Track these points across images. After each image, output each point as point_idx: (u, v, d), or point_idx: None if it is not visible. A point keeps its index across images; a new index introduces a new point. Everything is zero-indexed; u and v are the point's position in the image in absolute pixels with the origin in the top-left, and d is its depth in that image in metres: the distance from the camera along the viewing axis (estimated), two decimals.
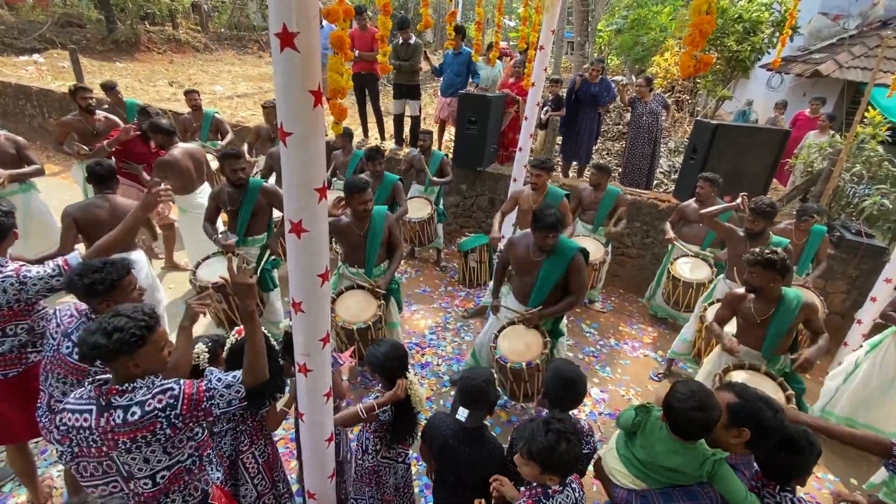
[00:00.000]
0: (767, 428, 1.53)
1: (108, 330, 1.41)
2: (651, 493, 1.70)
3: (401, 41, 5.85)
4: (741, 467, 1.63)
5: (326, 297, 1.56)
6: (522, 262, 3.00)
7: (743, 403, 1.58)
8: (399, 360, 2.13)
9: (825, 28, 8.38)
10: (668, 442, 1.66)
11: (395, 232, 3.43)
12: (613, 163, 7.50)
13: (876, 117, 4.81)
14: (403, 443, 2.21)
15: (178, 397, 1.48)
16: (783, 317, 2.59)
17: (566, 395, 1.96)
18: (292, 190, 1.36)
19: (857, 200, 4.61)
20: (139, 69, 12.07)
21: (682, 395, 1.60)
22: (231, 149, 3.47)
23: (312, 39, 1.21)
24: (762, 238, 3.48)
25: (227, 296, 3.25)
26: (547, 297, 2.97)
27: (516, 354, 2.85)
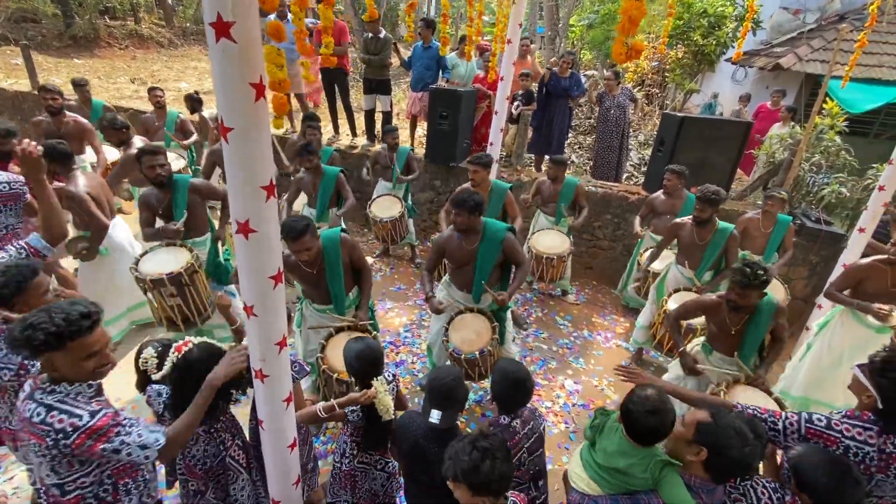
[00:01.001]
0: (727, 457, 1.51)
1: (27, 323, 1.34)
2: (602, 498, 1.70)
3: (370, 35, 5.76)
4: (698, 490, 1.59)
5: (280, 299, 1.50)
6: (457, 255, 3.06)
7: (710, 425, 1.55)
8: (370, 362, 2.06)
9: (786, 22, 8.63)
10: (622, 444, 1.68)
11: (356, 254, 2.89)
12: (585, 157, 7.57)
13: (833, 108, 4.98)
14: (380, 450, 2.15)
15: (77, 429, 1.37)
16: (759, 324, 2.55)
17: (516, 394, 1.96)
18: (237, 188, 1.30)
19: (817, 189, 4.77)
20: (99, 66, 11.59)
21: (638, 399, 1.62)
22: (148, 145, 3.25)
23: (251, 29, 1.15)
24: (709, 225, 3.57)
25: (184, 287, 2.98)
26: (488, 280, 3.04)
27: (469, 344, 2.89)
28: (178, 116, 5.24)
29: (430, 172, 5.79)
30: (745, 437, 1.52)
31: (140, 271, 2.93)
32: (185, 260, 2.99)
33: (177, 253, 3.11)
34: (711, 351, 2.76)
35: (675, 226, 3.74)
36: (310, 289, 2.90)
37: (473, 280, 3.07)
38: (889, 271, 2.98)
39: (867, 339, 3.15)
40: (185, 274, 2.92)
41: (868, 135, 7.65)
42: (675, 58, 8.69)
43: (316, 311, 2.95)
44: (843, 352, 3.24)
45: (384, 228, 4.75)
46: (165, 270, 2.89)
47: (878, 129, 7.66)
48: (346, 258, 2.84)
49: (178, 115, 5.26)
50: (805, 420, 1.66)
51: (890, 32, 7.83)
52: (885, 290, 3.00)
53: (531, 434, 1.98)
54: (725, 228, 3.58)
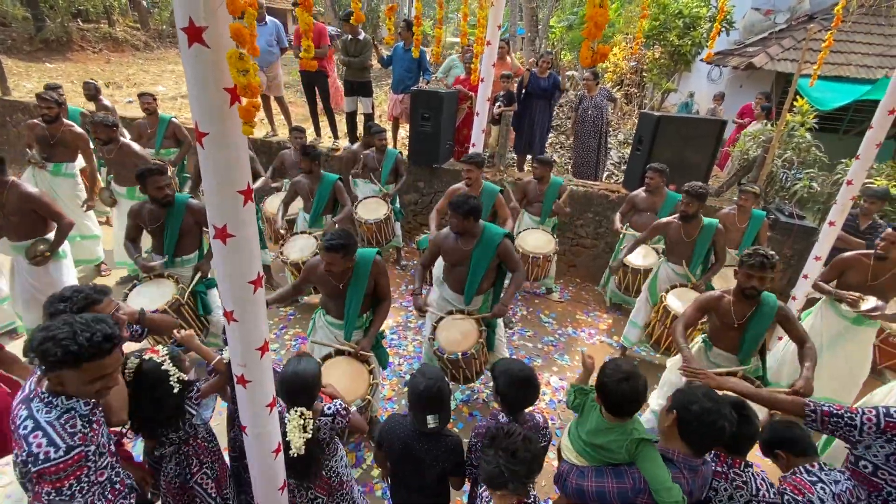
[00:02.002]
0: (690, 413, 1.57)
1: (50, 335, 1.33)
2: (588, 468, 1.78)
3: (349, 37, 5.74)
4: (680, 465, 1.63)
5: (260, 303, 1.49)
6: (452, 255, 3.08)
7: (682, 390, 1.66)
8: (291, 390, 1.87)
9: (757, 22, 8.87)
10: (600, 422, 1.75)
11: (383, 282, 2.84)
12: (565, 156, 7.66)
13: (804, 106, 5.14)
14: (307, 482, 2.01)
15: (48, 460, 1.32)
16: (762, 319, 2.53)
17: (521, 396, 1.95)
18: (214, 193, 1.30)
19: (789, 184, 4.91)
20: (72, 70, 11.32)
21: (610, 370, 1.69)
22: (153, 164, 3.18)
23: (224, 34, 1.15)
24: (695, 221, 3.65)
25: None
26: (480, 282, 3.08)
27: (453, 344, 2.92)
28: (169, 120, 5.13)
29: (413, 174, 5.79)
30: (709, 397, 1.59)
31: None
32: (171, 295, 3.03)
33: (163, 287, 3.13)
34: (712, 347, 2.77)
35: (659, 225, 3.79)
36: (329, 300, 2.88)
37: (466, 281, 3.09)
38: (871, 266, 3.11)
39: (844, 330, 3.30)
40: (169, 311, 2.97)
41: (838, 131, 7.92)
42: (652, 58, 8.87)
43: (328, 323, 2.91)
44: (822, 343, 3.36)
45: (370, 230, 4.74)
46: (150, 308, 2.88)
47: (847, 126, 7.93)
48: (372, 282, 2.81)
49: (171, 118, 5.16)
50: (884, 414, 1.63)
51: (857, 32, 8.11)
52: (864, 283, 3.14)
53: None
54: (711, 224, 3.66)
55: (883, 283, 3.10)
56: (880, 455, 1.67)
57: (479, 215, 2.98)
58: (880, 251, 3.03)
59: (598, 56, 1.23)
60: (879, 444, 1.66)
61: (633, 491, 1.65)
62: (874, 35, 8.08)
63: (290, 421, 1.82)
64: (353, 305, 2.79)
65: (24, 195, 3.11)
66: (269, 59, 5.81)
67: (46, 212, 3.22)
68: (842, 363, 3.35)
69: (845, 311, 3.24)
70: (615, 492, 1.68)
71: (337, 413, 2.00)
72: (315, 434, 1.87)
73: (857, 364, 3.35)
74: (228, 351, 1.59)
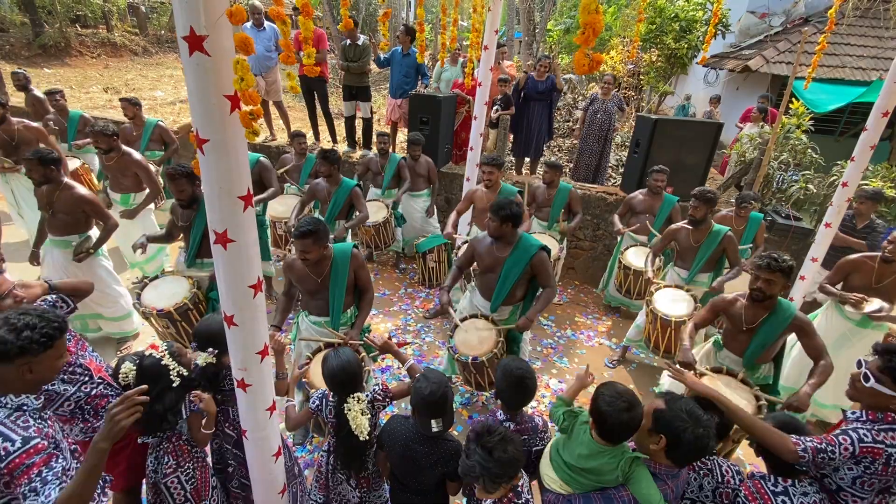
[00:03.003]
0: (682, 441, 1.55)
1: (16, 326, 1.34)
2: (574, 496, 1.72)
3: (348, 42, 5.77)
4: (664, 477, 1.63)
5: (261, 308, 1.51)
6: (486, 259, 3.05)
7: (664, 411, 1.60)
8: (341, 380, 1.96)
9: (753, 26, 8.92)
10: (590, 445, 1.69)
11: (363, 274, 2.87)
12: (563, 159, 7.69)
13: (799, 108, 5.17)
14: (354, 472, 2.07)
15: (8, 454, 1.30)
16: (773, 326, 2.49)
17: (517, 393, 1.97)
18: (214, 199, 1.31)
19: (786, 186, 4.94)
20: (70, 75, 11.35)
21: (610, 397, 1.62)
22: (173, 168, 3.25)
23: (223, 42, 1.17)
24: (704, 225, 3.67)
25: (175, 322, 3.09)
26: (509, 291, 3.04)
27: (467, 347, 2.90)
28: (155, 124, 5.15)
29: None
30: (697, 418, 1.57)
31: (140, 300, 3.09)
32: (181, 297, 3.09)
33: (178, 287, 3.20)
34: (722, 348, 2.77)
35: (672, 230, 3.80)
36: (310, 298, 2.86)
37: (495, 289, 3.05)
38: (876, 268, 3.12)
39: (849, 333, 3.31)
40: (174, 312, 3.03)
41: (834, 133, 7.96)
42: (649, 61, 8.91)
43: (311, 323, 2.90)
44: (827, 345, 3.36)
45: (368, 233, 4.75)
46: (158, 306, 3.00)
47: (843, 128, 7.97)
48: (352, 275, 2.82)
49: (157, 122, 5.18)
50: (857, 441, 1.62)
51: (851, 34, 8.17)
52: (868, 285, 3.16)
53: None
54: (720, 230, 3.64)
55: (887, 285, 3.11)
56: (846, 478, 1.67)
57: (518, 222, 2.91)
58: (888, 254, 3.04)
59: (594, 63, 1.25)
60: (847, 467, 1.65)
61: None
62: (868, 37, 8.14)
63: (352, 410, 1.91)
64: (337, 299, 2.78)
65: (77, 197, 3.31)
66: (267, 64, 5.84)
67: (96, 212, 3.42)
68: (846, 366, 3.35)
69: (850, 313, 3.26)
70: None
71: (374, 400, 2.06)
72: None
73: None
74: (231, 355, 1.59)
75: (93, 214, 3.44)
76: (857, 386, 1.70)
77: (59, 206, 3.31)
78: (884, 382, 1.60)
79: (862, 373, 1.67)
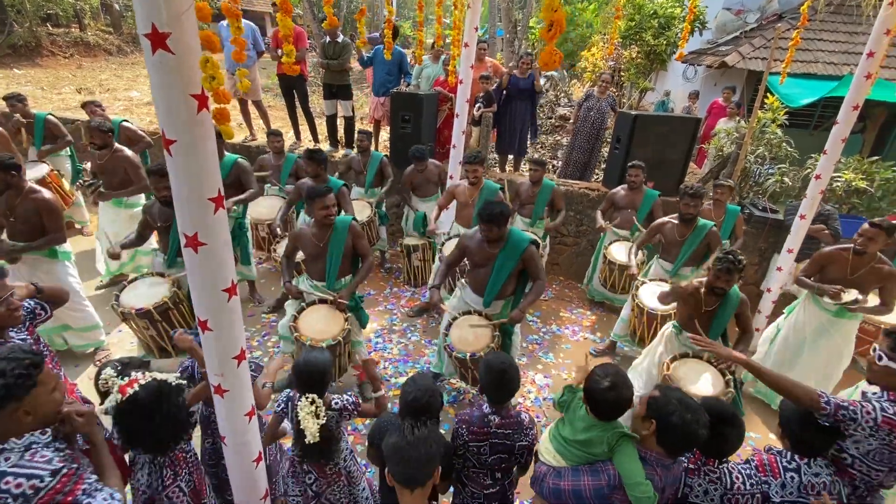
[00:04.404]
0: (670, 424, 1.60)
1: None
2: (564, 469, 1.80)
3: (328, 40, 5.70)
4: (654, 463, 1.68)
5: (236, 312, 1.47)
6: (477, 255, 3.09)
7: (659, 398, 1.67)
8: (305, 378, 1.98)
9: (729, 22, 9.08)
10: (585, 419, 1.78)
11: (361, 243, 3.25)
12: (547, 156, 7.73)
13: (774, 103, 5.28)
14: (317, 465, 2.09)
15: (39, 491, 1.25)
16: (726, 309, 2.80)
17: (499, 386, 1.98)
18: (183, 201, 1.28)
19: (762, 179, 5.04)
20: (41, 76, 11.02)
21: (598, 376, 1.72)
22: (158, 165, 3.19)
23: (188, 39, 1.13)
24: (694, 221, 3.72)
25: (155, 322, 3.05)
26: (501, 286, 3.08)
27: (464, 344, 2.94)
28: (120, 124, 5.00)
29: (395, 176, 5.77)
30: (687, 405, 1.62)
31: (119, 301, 3.04)
32: (161, 296, 3.06)
33: (158, 287, 3.16)
34: (681, 331, 2.98)
35: (657, 225, 3.86)
36: (312, 262, 3.26)
37: (487, 284, 3.09)
38: (850, 260, 3.20)
39: (826, 323, 3.40)
40: (154, 312, 3.00)
41: (808, 127, 8.14)
42: (629, 58, 9.01)
43: (310, 286, 3.26)
44: (805, 336, 3.47)
45: None
46: (137, 305, 2.98)
47: (817, 122, 8.16)
48: (350, 243, 3.20)
49: (122, 121, 5.03)
50: (880, 409, 1.69)
51: (824, 30, 8.36)
52: (843, 277, 3.24)
53: (503, 437, 2.00)
54: (705, 225, 3.72)
55: (861, 276, 3.19)
56: (862, 449, 1.74)
57: (507, 219, 2.98)
58: (858, 246, 3.12)
59: (560, 59, 1.25)
60: (867, 441, 1.72)
61: (609, 487, 1.67)
62: (840, 33, 8.34)
63: (302, 409, 1.90)
64: (334, 261, 3.16)
65: (40, 201, 3.14)
66: (245, 62, 5.74)
67: (50, 220, 3.19)
68: (825, 355, 3.46)
69: (827, 304, 3.34)
70: (591, 489, 1.69)
71: (344, 408, 2.06)
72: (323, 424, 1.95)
73: (838, 356, 3.46)
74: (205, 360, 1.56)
75: (46, 222, 3.18)
76: (873, 368, 1.80)
77: (20, 213, 3.14)
78: (894, 360, 1.70)
79: (876, 354, 1.76)
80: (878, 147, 7.74)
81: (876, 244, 3.06)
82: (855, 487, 1.79)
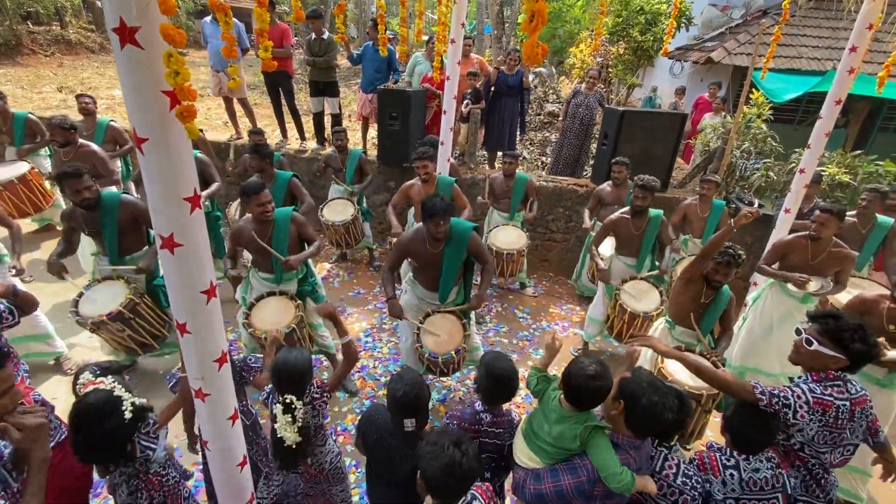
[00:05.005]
0: (639, 405, 1.63)
1: None
2: (542, 470, 1.77)
3: (313, 36, 5.63)
4: (626, 447, 1.70)
5: (216, 313, 1.44)
6: (423, 256, 3.02)
7: (629, 381, 1.69)
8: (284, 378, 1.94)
9: (715, 18, 9.15)
10: (558, 410, 1.76)
11: (305, 231, 3.24)
12: (536, 152, 7.73)
13: (759, 98, 5.32)
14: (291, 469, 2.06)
15: None
16: (718, 303, 2.91)
17: (498, 391, 1.97)
18: (158, 201, 1.24)
19: (748, 174, 5.09)
20: (22, 74, 10.77)
21: (582, 363, 1.70)
22: (68, 166, 3.02)
23: (158, 34, 1.10)
24: (645, 214, 3.72)
25: (128, 320, 2.98)
26: (455, 279, 3.08)
27: (443, 346, 2.91)
28: (108, 124, 4.90)
29: (383, 174, 5.74)
30: (656, 387, 1.66)
31: (81, 315, 2.88)
32: (124, 295, 2.98)
33: (114, 288, 3.06)
34: (675, 326, 3.04)
35: (610, 222, 3.82)
36: (257, 257, 3.23)
37: (440, 280, 3.06)
38: (809, 246, 3.27)
39: (792, 309, 3.46)
40: (125, 311, 2.93)
41: (793, 122, 8.24)
42: (616, 54, 9.03)
43: (262, 279, 3.26)
44: (772, 322, 3.52)
45: (336, 233, 4.67)
46: (104, 311, 2.87)
47: (801, 117, 8.26)
48: (294, 233, 3.18)
49: (109, 122, 4.93)
50: (809, 391, 1.76)
51: (807, 26, 8.46)
52: (805, 264, 3.30)
53: (493, 436, 2.00)
54: (657, 216, 3.75)
55: (821, 261, 3.27)
56: (806, 435, 1.79)
57: (452, 212, 2.95)
58: (813, 232, 3.19)
59: (543, 53, 1.24)
60: (809, 426, 1.76)
61: (589, 482, 1.67)
62: (823, 28, 8.44)
63: (280, 419, 1.86)
64: (280, 253, 3.11)
65: None
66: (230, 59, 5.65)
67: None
68: (791, 340, 3.48)
69: (793, 290, 3.41)
70: (572, 488, 1.69)
71: (313, 399, 2.03)
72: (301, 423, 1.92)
73: None
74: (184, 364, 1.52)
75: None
76: (800, 351, 1.85)
77: None
78: (824, 344, 1.77)
79: (804, 338, 1.81)
80: (860, 141, 7.87)
81: (829, 229, 3.14)
82: (809, 470, 1.85)
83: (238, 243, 3.20)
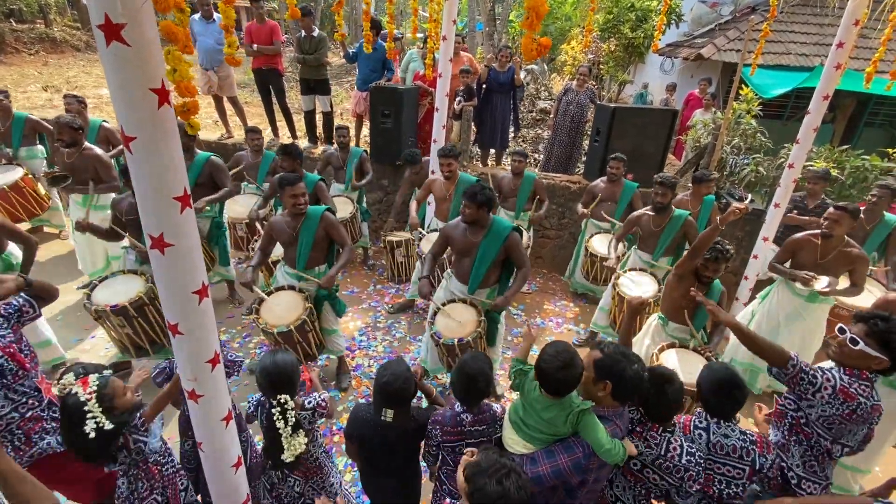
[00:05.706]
0: (625, 378, 1.68)
1: None
2: (538, 453, 1.78)
3: (303, 34, 5.59)
4: (612, 418, 1.76)
5: (208, 314, 1.43)
6: (460, 244, 3.11)
7: (605, 358, 1.72)
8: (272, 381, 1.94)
9: (704, 15, 9.20)
10: (541, 399, 1.78)
11: (335, 232, 3.24)
12: (528, 149, 7.75)
13: (748, 94, 5.37)
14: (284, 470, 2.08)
15: None
16: (710, 297, 2.92)
17: (466, 391, 1.97)
18: (147, 201, 1.22)
19: (738, 169, 5.13)
20: (5, 73, 10.59)
21: (549, 356, 1.71)
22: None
23: (146, 31, 1.08)
24: (666, 211, 3.76)
25: (131, 318, 2.95)
26: (486, 274, 3.11)
27: (450, 331, 2.95)
28: (100, 124, 4.83)
29: (376, 172, 5.72)
30: (629, 356, 1.72)
31: (91, 300, 2.94)
32: (136, 292, 2.99)
33: (132, 283, 3.09)
34: (667, 322, 3.06)
35: (634, 218, 3.90)
36: (285, 249, 3.30)
37: (471, 271, 3.12)
38: (819, 245, 3.27)
39: (800, 308, 3.48)
40: (130, 307, 2.93)
41: (781, 117, 8.32)
42: (607, 50, 9.06)
43: (286, 273, 3.31)
44: (779, 320, 3.55)
45: None
46: (111, 302, 2.89)
47: (790, 112, 8.34)
48: (322, 232, 3.20)
49: (102, 122, 4.85)
50: (839, 379, 1.80)
51: (795, 22, 8.54)
52: (814, 262, 3.31)
53: (478, 435, 2.00)
54: (681, 214, 3.77)
55: (831, 260, 3.26)
56: (815, 414, 1.85)
57: (492, 206, 3.02)
58: (825, 230, 3.19)
59: (542, 48, 1.23)
60: (822, 407, 1.82)
61: (585, 457, 1.70)
62: (811, 24, 8.52)
63: (284, 433, 1.88)
64: (304, 249, 3.18)
65: None
66: (219, 58, 5.59)
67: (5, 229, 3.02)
68: (797, 338, 3.54)
69: (800, 289, 3.42)
70: (569, 465, 1.71)
71: (317, 407, 2.05)
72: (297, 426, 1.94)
73: (810, 339, 3.55)
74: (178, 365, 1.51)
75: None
76: (843, 350, 1.86)
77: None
78: (869, 344, 1.78)
79: (849, 337, 1.82)
80: (847, 136, 7.96)
81: (841, 227, 3.14)
82: (810, 447, 1.91)
83: (272, 236, 3.25)
